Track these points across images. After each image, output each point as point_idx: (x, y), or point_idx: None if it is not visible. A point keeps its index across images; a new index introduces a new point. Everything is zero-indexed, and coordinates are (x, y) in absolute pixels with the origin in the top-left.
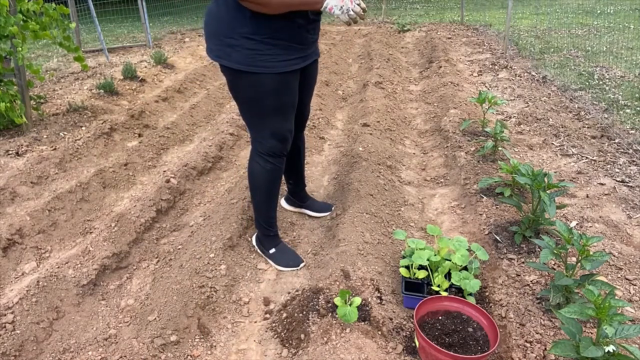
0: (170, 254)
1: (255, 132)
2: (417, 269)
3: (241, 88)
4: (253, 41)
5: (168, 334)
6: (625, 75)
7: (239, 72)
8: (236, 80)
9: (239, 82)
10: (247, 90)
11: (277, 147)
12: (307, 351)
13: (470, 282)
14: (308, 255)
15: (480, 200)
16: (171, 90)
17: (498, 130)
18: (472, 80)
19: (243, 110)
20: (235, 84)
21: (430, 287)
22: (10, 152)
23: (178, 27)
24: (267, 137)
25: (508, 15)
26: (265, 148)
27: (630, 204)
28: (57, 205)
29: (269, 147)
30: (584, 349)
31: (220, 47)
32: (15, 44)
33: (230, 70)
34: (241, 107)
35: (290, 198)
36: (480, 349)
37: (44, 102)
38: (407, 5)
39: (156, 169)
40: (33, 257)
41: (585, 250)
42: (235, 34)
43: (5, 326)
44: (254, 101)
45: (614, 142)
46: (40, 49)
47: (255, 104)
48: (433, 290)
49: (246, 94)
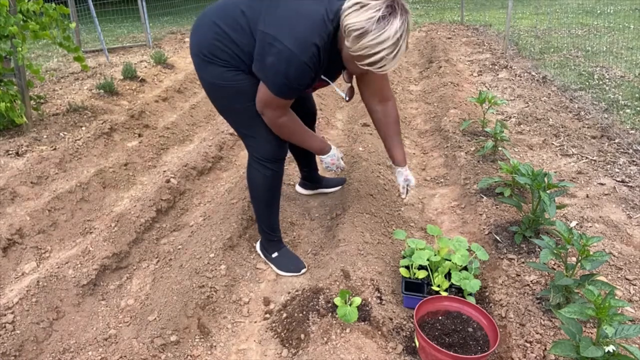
0: (170, 254)
1: (249, 139)
2: (417, 269)
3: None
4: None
5: (168, 334)
6: (625, 75)
7: (217, 85)
8: (215, 93)
9: (219, 94)
10: (231, 99)
11: (274, 151)
12: (307, 351)
13: (470, 282)
14: (308, 255)
15: (480, 200)
16: (171, 90)
17: (498, 130)
18: (472, 80)
19: (231, 119)
20: (215, 96)
21: (430, 287)
22: (10, 152)
23: (178, 27)
24: (262, 143)
25: (508, 15)
26: (262, 154)
27: (630, 204)
28: (57, 205)
29: (266, 153)
30: (584, 349)
31: (200, 63)
32: (15, 44)
33: (211, 85)
34: (229, 117)
35: (305, 183)
36: (480, 349)
37: (44, 102)
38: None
39: (156, 169)
40: (33, 257)
41: (585, 250)
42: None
43: (5, 326)
44: (240, 108)
45: (614, 142)
46: (40, 49)
47: (242, 111)
48: (433, 290)
49: (230, 102)
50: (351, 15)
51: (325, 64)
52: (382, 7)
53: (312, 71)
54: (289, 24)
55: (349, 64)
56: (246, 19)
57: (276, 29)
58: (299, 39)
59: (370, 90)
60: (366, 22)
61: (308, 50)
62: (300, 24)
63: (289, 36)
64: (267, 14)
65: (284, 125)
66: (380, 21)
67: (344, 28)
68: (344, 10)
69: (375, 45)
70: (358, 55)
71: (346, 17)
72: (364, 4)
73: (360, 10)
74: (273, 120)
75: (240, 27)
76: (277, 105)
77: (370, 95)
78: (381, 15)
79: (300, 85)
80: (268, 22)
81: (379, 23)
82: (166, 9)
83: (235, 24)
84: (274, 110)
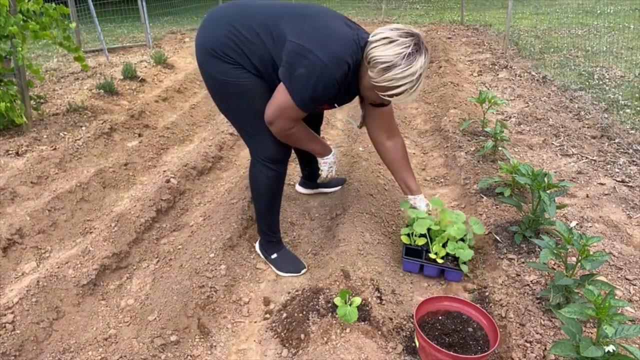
0: (170, 254)
1: (253, 140)
2: (417, 237)
3: (229, 96)
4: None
5: (168, 334)
6: (625, 75)
7: (222, 82)
8: (220, 90)
9: (224, 92)
10: (236, 98)
11: (279, 152)
12: (307, 351)
13: (464, 251)
14: (308, 255)
15: (480, 200)
16: (171, 90)
17: (498, 130)
18: (472, 80)
19: (235, 119)
20: (220, 94)
21: (428, 253)
22: (10, 152)
23: (178, 27)
24: (267, 144)
25: (508, 15)
26: (267, 154)
27: (630, 204)
28: (57, 205)
29: (270, 153)
30: (584, 349)
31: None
32: (15, 44)
33: (216, 81)
34: (233, 117)
35: (306, 182)
36: (481, 349)
37: (44, 102)
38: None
39: (156, 169)
40: (33, 257)
41: (585, 250)
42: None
43: (5, 326)
44: (245, 108)
45: (614, 142)
46: (40, 49)
47: (247, 111)
48: (431, 257)
49: (236, 101)
50: (379, 49)
51: (345, 86)
52: (411, 44)
53: (337, 88)
54: (324, 39)
55: (368, 92)
56: (266, 25)
57: (311, 42)
58: (335, 53)
59: (377, 123)
60: (394, 56)
61: (341, 66)
62: (336, 41)
63: (325, 50)
64: (294, 25)
65: (292, 135)
66: (408, 57)
67: (370, 59)
68: (370, 42)
69: (400, 79)
70: (381, 86)
71: (373, 50)
72: (393, 40)
73: (389, 45)
74: (282, 131)
75: (255, 32)
76: (291, 116)
77: (377, 128)
78: (410, 52)
79: (323, 100)
80: (298, 34)
81: (407, 59)
82: (166, 9)
83: (249, 28)
84: (286, 122)
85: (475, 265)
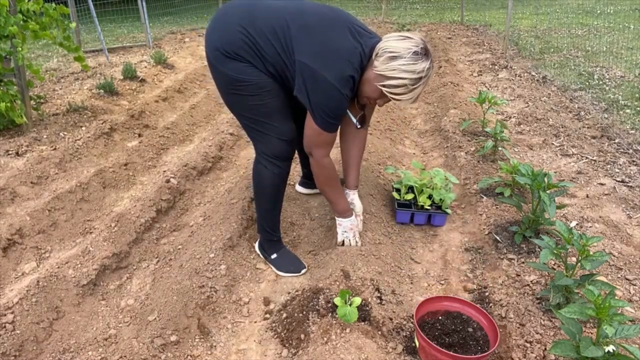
0: (170, 254)
1: (261, 136)
2: (405, 193)
3: (241, 94)
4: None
5: (168, 334)
6: (625, 75)
7: (237, 80)
8: (234, 88)
9: (237, 89)
10: (250, 95)
11: (285, 149)
12: (307, 351)
13: (449, 194)
14: (308, 255)
15: (480, 200)
16: (171, 90)
17: (498, 130)
18: (472, 80)
19: (245, 116)
20: (233, 92)
21: (416, 205)
22: (10, 152)
23: (178, 27)
24: (274, 140)
25: (508, 15)
26: (273, 151)
27: (630, 204)
28: (57, 205)
29: (277, 150)
30: (584, 349)
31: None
32: (15, 44)
33: (227, 78)
34: (242, 114)
35: (306, 182)
36: (480, 349)
37: (44, 102)
38: (407, 5)
39: (156, 169)
40: (33, 257)
41: (585, 250)
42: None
43: (5, 326)
44: (257, 105)
45: (614, 142)
46: (40, 49)
47: (258, 107)
48: (419, 206)
49: (248, 98)
50: (392, 42)
51: (354, 94)
52: (421, 45)
53: (347, 101)
54: (329, 56)
55: (365, 86)
56: (275, 33)
57: (317, 62)
58: (340, 71)
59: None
60: (404, 49)
61: (347, 83)
62: (341, 60)
63: (331, 71)
64: (301, 39)
65: (326, 166)
66: (415, 54)
67: (380, 50)
68: (386, 37)
69: (402, 71)
70: (381, 75)
71: (386, 42)
72: (407, 37)
73: (402, 41)
74: (320, 159)
75: (267, 37)
76: (323, 142)
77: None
78: (418, 50)
79: (338, 115)
80: (307, 54)
81: (414, 55)
82: (166, 9)
83: (261, 32)
84: (320, 149)
85: (475, 265)
